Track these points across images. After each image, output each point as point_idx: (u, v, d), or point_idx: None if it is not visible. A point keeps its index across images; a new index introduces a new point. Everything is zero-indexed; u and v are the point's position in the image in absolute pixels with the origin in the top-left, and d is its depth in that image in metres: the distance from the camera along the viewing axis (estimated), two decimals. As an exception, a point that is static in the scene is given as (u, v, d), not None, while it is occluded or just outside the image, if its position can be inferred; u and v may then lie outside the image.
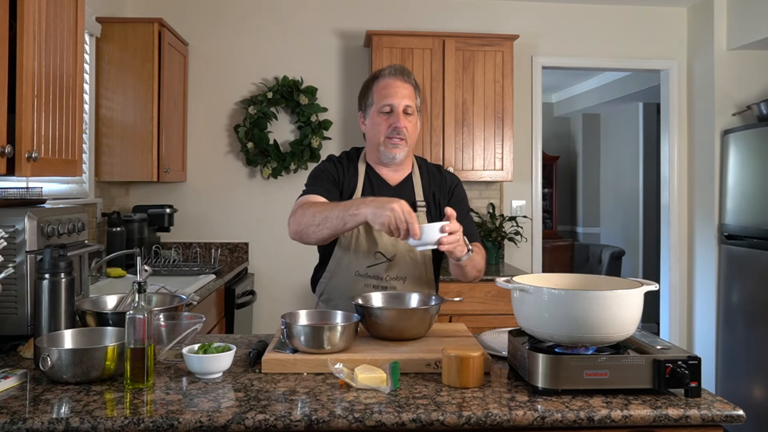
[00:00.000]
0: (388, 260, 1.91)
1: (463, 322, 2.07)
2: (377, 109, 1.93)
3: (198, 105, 3.97)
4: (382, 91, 1.93)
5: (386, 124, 1.91)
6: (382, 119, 1.92)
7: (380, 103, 1.92)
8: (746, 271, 3.65)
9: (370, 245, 1.91)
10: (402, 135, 1.91)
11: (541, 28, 4.18)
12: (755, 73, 3.97)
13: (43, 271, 1.61)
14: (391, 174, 1.99)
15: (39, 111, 1.81)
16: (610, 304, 1.35)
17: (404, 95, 1.92)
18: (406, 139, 1.92)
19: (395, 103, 1.90)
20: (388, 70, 1.95)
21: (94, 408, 1.24)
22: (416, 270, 1.95)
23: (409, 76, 1.96)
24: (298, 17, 4.04)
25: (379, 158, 1.96)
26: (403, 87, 1.93)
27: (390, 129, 1.90)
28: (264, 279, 4.01)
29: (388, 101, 1.91)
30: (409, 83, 1.95)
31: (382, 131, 1.92)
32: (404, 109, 1.91)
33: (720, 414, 1.26)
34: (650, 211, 6.43)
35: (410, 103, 1.92)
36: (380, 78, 1.95)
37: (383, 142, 1.92)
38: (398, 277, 1.92)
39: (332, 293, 1.97)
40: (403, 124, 1.90)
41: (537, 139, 4.21)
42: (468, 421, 1.23)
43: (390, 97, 1.91)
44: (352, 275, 1.91)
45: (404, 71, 1.96)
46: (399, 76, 1.94)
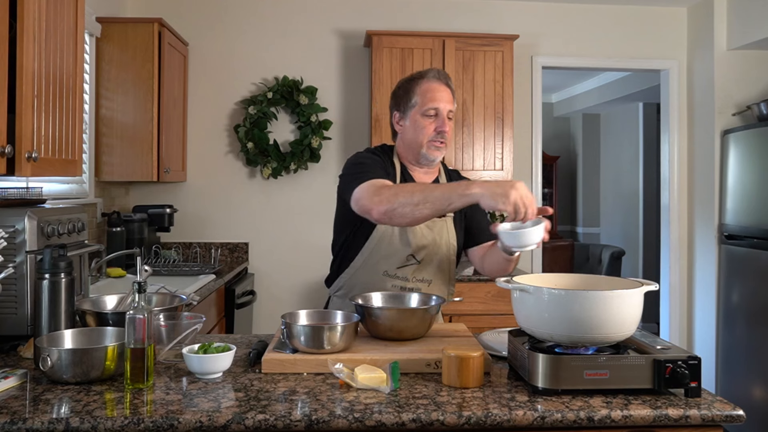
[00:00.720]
0: (417, 262, 1.92)
1: (463, 322, 2.07)
2: (421, 111, 1.93)
3: (198, 105, 3.97)
4: (427, 94, 1.93)
5: (431, 128, 1.92)
6: (427, 122, 1.92)
7: (425, 105, 1.92)
8: (746, 271, 3.65)
9: (404, 246, 1.91)
10: (444, 139, 1.93)
11: (541, 28, 4.18)
12: (755, 73, 3.97)
13: (43, 271, 1.61)
14: (422, 176, 2.00)
15: (39, 111, 1.81)
16: (610, 304, 1.35)
17: (448, 100, 1.94)
18: (446, 143, 1.95)
19: (441, 107, 1.92)
20: (432, 73, 1.96)
21: (94, 408, 1.24)
22: (441, 273, 1.97)
23: (448, 80, 1.98)
24: (298, 17, 4.04)
25: (418, 160, 1.96)
26: (446, 91, 1.94)
27: (435, 133, 1.92)
28: (264, 279, 4.01)
29: (434, 105, 1.91)
30: (450, 88, 1.97)
31: (426, 134, 1.92)
32: (447, 114, 1.93)
33: (720, 414, 1.26)
34: (650, 211, 6.43)
35: (452, 108, 1.95)
36: (424, 80, 1.95)
37: (426, 145, 1.93)
38: (424, 280, 1.93)
39: (353, 289, 1.94)
40: (447, 127, 1.92)
41: (537, 139, 4.21)
42: (468, 421, 1.23)
43: (436, 100, 1.92)
44: (379, 274, 1.91)
45: (447, 76, 1.98)
46: (443, 81, 1.95)
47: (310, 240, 4.01)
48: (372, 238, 1.91)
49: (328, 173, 4.03)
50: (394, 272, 1.91)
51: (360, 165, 1.89)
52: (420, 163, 1.97)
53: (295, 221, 4.02)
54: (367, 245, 1.92)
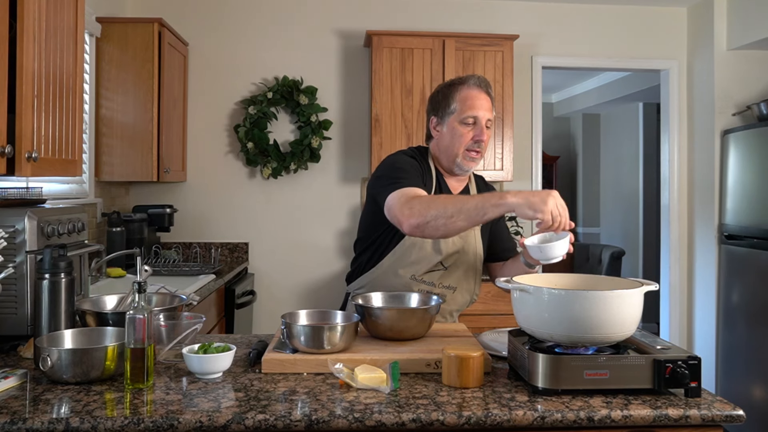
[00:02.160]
0: (444, 269, 1.92)
1: (463, 322, 2.06)
2: (460, 118, 1.89)
3: (198, 105, 3.97)
4: (466, 102, 1.89)
5: (469, 136, 1.88)
6: (465, 130, 1.89)
7: (465, 113, 1.88)
8: (746, 271, 3.65)
9: (435, 253, 1.89)
10: (481, 148, 1.90)
11: (541, 28, 4.18)
12: (755, 73, 3.97)
13: (43, 271, 1.61)
14: (455, 183, 1.98)
15: (39, 111, 1.81)
16: (610, 304, 1.35)
17: (488, 108, 1.90)
18: (482, 153, 1.92)
19: (480, 116, 1.88)
20: (473, 80, 1.92)
21: (94, 408, 1.24)
22: (466, 281, 1.96)
23: (488, 88, 1.94)
24: (298, 17, 4.04)
25: (452, 168, 1.94)
26: (486, 100, 1.91)
27: (472, 142, 1.88)
28: (264, 279, 4.01)
29: (474, 113, 1.88)
30: (490, 96, 1.93)
31: (463, 142, 1.89)
32: (486, 123, 1.90)
33: (720, 414, 1.26)
34: (650, 211, 6.43)
35: (491, 118, 1.92)
36: (464, 86, 1.91)
37: (462, 154, 1.90)
38: (450, 287, 1.93)
39: (375, 290, 1.90)
40: (485, 136, 1.89)
41: (537, 139, 4.21)
42: (468, 421, 1.23)
43: (475, 108, 1.88)
44: (407, 278, 1.89)
45: (488, 83, 1.94)
46: (483, 88, 1.91)
47: (310, 240, 4.01)
48: (404, 243, 1.88)
49: (328, 173, 4.03)
50: (421, 277, 1.90)
51: (397, 169, 1.84)
52: (453, 172, 1.95)
53: (295, 221, 4.02)
54: (398, 248, 1.90)
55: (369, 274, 1.96)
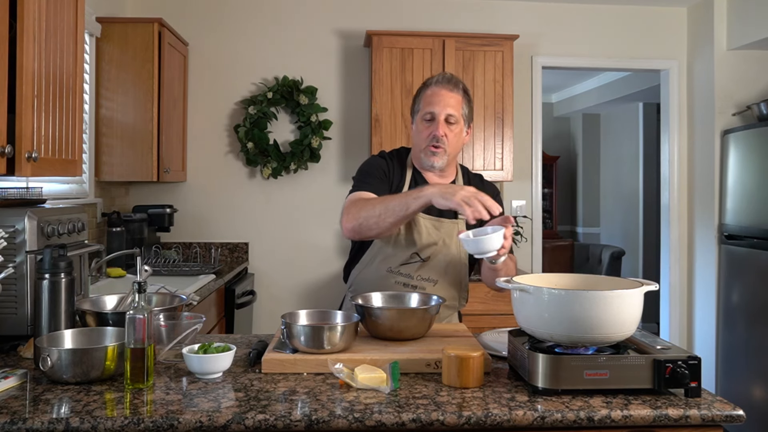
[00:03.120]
0: (422, 260, 1.92)
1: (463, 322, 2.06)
2: (421, 116, 1.95)
3: (198, 105, 3.97)
4: (426, 99, 1.94)
5: (427, 132, 1.92)
6: (424, 127, 1.94)
7: (424, 110, 1.94)
8: (746, 271, 3.65)
9: (408, 244, 1.92)
10: (440, 144, 1.91)
11: (541, 28, 4.18)
12: (755, 73, 3.97)
13: (43, 271, 1.61)
14: (436, 179, 2.00)
15: (39, 111, 1.81)
16: (610, 304, 1.35)
17: (447, 104, 1.92)
18: (444, 148, 1.92)
19: (437, 111, 1.91)
20: (437, 78, 1.96)
21: (94, 408, 1.24)
22: (449, 275, 1.96)
23: (457, 84, 1.95)
24: (298, 17, 4.04)
25: (421, 164, 1.98)
26: (449, 96, 1.92)
27: (430, 137, 1.91)
28: (264, 279, 4.01)
29: (430, 109, 1.92)
30: (456, 92, 1.94)
31: (422, 138, 1.93)
32: (446, 118, 1.91)
33: (720, 414, 1.26)
34: (650, 211, 6.43)
35: (453, 112, 1.92)
36: (428, 86, 1.96)
37: (424, 150, 1.94)
38: (429, 279, 1.94)
39: (361, 285, 1.97)
40: (441, 132, 1.90)
41: (537, 139, 4.21)
42: (468, 421, 1.23)
43: (433, 105, 1.92)
44: (384, 271, 1.93)
45: (452, 79, 1.95)
46: (445, 85, 1.94)
47: (310, 240, 4.01)
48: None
49: (328, 173, 4.03)
50: (397, 269, 1.93)
51: (361, 173, 1.97)
52: (424, 168, 1.98)
53: (295, 221, 4.02)
54: (375, 242, 1.94)
55: (355, 271, 2.02)
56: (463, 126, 1.97)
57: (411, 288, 1.91)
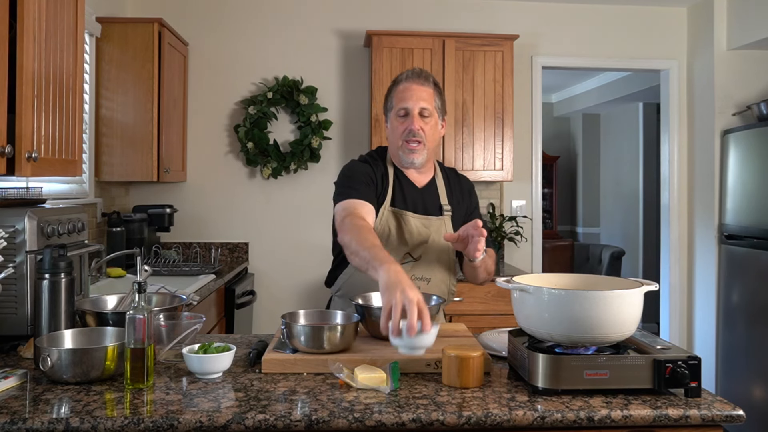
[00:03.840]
0: (414, 260, 1.92)
1: (463, 322, 2.07)
2: (395, 113, 1.94)
3: (198, 105, 3.97)
4: (398, 95, 1.93)
5: (402, 128, 1.91)
6: (399, 123, 1.92)
7: (397, 107, 1.92)
8: (746, 271, 3.65)
9: (400, 243, 1.91)
10: (418, 138, 1.90)
11: (541, 28, 4.18)
12: (755, 73, 3.97)
13: (43, 271, 1.61)
14: (417, 176, 2.00)
15: (39, 111, 1.81)
16: (610, 304, 1.35)
17: (420, 97, 1.91)
18: (423, 142, 1.91)
19: (410, 106, 1.90)
20: (406, 74, 1.95)
21: (94, 408, 1.24)
22: (440, 271, 1.97)
23: (428, 78, 1.95)
24: (298, 17, 4.04)
25: (400, 162, 1.96)
26: (420, 90, 1.92)
27: (406, 132, 1.90)
28: (264, 279, 4.01)
29: (403, 104, 1.91)
30: (426, 86, 1.94)
31: (398, 134, 1.92)
32: (420, 112, 1.91)
33: (720, 414, 1.26)
34: (650, 211, 6.43)
35: (426, 105, 1.91)
36: (399, 82, 1.96)
37: (401, 146, 1.92)
38: (423, 278, 1.93)
39: (351, 289, 1.94)
40: (417, 125, 1.89)
41: (537, 139, 4.21)
42: (468, 421, 1.23)
43: (405, 100, 1.91)
44: None
45: (422, 74, 1.95)
46: (416, 79, 1.93)
47: (310, 240, 4.01)
48: None
49: (328, 173, 4.02)
50: None
51: (347, 178, 1.91)
52: (404, 165, 1.96)
53: (295, 221, 4.02)
54: None
55: (344, 275, 1.98)
56: (438, 119, 1.96)
57: None
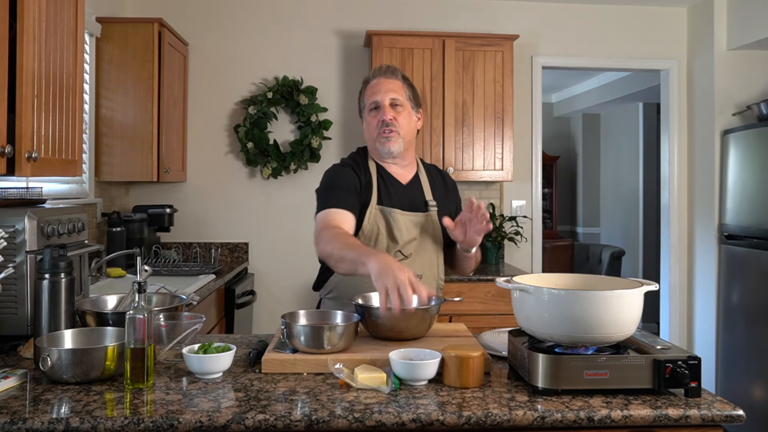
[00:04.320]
0: (405, 257, 1.92)
1: (463, 322, 2.06)
2: (367, 109, 1.97)
3: (198, 105, 3.97)
4: (368, 91, 1.98)
5: (375, 121, 1.94)
6: (372, 117, 1.96)
7: (368, 102, 1.97)
8: (746, 271, 3.65)
9: (391, 243, 1.92)
10: (392, 126, 1.92)
11: (541, 28, 4.18)
12: (755, 73, 3.97)
13: (43, 271, 1.61)
14: (401, 172, 2.01)
15: (39, 111, 1.81)
16: (610, 304, 1.35)
17: (389, 89, 1.95)
18: (397, 131, 1.93)
19: (380, 98, 1.94)
20: (374, 72, 2.00)
21: (94, 408, 1.24)
22: (431, 269, 1.97)
23: (395, 72, 1.99)
24: (298, 17, 4.04)
25: (379, 156, 1.98)
26: (388, 82, 1.96)
27: (379, 124, 1.93)
28: (264, 279, 4.01)
29: (374, 98, 1.95)
30: (394, 78, 1.97)
31: (372, 127, 1.95)
32: (391, 102, 1.94)
33: (720, 414, 1.26)
34: (650, 211, 6.43)
35: (396, 96, 1.94)
36: (368, 81, 2.00)
37: (376, 139, 1.94)
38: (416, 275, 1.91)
39: (343, 291, 1.96)
40: (389, 115, 1.92)
41: (537, 139, 4.21)
42: (468, 421, 1.23)
43: (375, 94, 1.95)
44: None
45: (389, 69, 1.99)
46: (383, 74, 1.98)
47: (310, 240, 3.97)
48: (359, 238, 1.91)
49: (328, 173, 4.02)
50: None
51: (325, 188, 1.98)
52: (384, 159, 1.99)
53: (295, 221, 4.02)
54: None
55: (335, 277, 2.00)
56: (411, 110, 1.97)
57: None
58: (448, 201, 2.05)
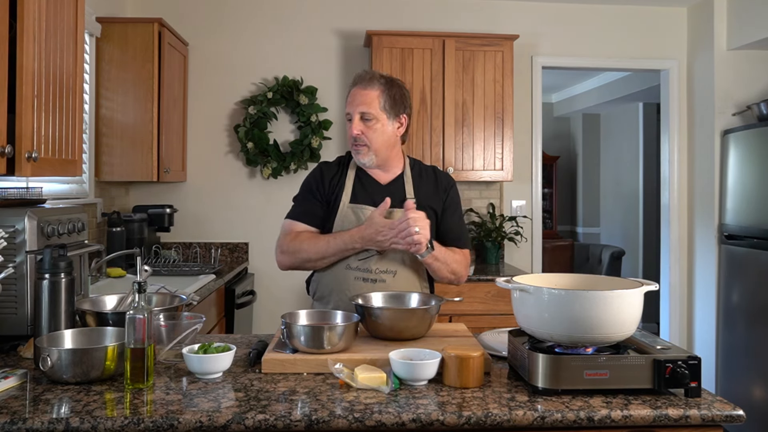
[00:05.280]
0: (378, 253, 1.91)
1: (463, 322, 2.06)
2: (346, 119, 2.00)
3: (198, 105, 3.97)
4: (347, 100, 2.00)
5: (349, 132, 1.97)
6: (348, 127, 1.98)
7: (346, 112, 1.99)
8: (746, 271, 3.65)
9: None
10: (359, 141, 1.94)
11: (541, 28, 4.18)
12: (755, 73, 3.97)
13: (43, 271, 1.61)
14: (381, 174, 2.02)
15: (39, 111, 1.81)
16: (610, 304, 1.35)
17: (360, 102, 1.93)
18: (367, 145, 1.94)
19: (351, 111, 1.96)
20: (354, 79, 2.00)
21: (94, 408, 1.24)
22: (407, 265, 1.94)
23: (372, 80, 1.95)
24: (298, 17, 4.04)
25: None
26: (361, 94, 1.94)
27: (350, 137, 1.96)
28: (264, 279, 4.01)
29: (347, 109, 1.98)
30: (370, 88, 1.94)
31: (348, 138, 1.98)
32: (361, 116, 1.93)
33: (720, 414, 1.26)
34: (650, 211, 6.43)
35: (366, 110, 1.92)
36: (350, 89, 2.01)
37: (352, 149, 1.98)
38: (388, 271, 1.92)
39: (324, 290, 1.99)
40: (356, 131, 1.93)
41: (537, 139, 4.21)
42: (468, 421, 1.23)
43: (348, 105, 1.98)
44: (342, 269, 1.93)
45: (365, 76, 1.96)
46: (359, 84, 1.97)
47: (310, 240, 4.00)
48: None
49: (328, 173, 4.02)
50: (355, 264, 1.92)
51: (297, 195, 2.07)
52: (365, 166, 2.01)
53: (295, 221, 4.01)
54: None
55: (316, 276, 2.03)
56: (387, 120, 1.94)
57: (371, 282, 1.90)
58: (435, 198, 2.01)
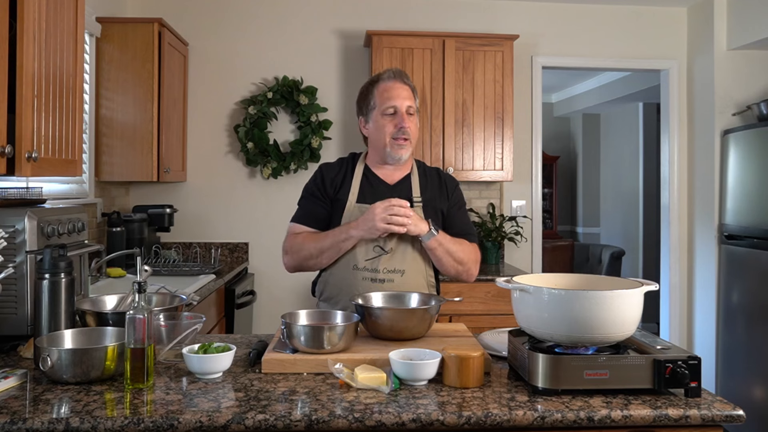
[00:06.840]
0: (386, 252, 1.92)
1: (463, 322, 2.06)
2: (381, 111, 1.97)
3: (198, 105, 3.97)
4: (384, 94, 1.98)
5: (392, 125, 1.96)
6: (387, 121, 1.96)
7: (384, 105, 1.97)
8: (746, 271, 3.65)
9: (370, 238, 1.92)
10: (407, 135, 1.96)
11: (541, 28, 4.18)
12: (755, 73, 3.97)
13: (43, 271, 1.61)
14: (390, 173, 2.03)
15: (39, 111, 1.81)
16: (610, 304, 1.35)
17: (406, 96, 1.98)
18: (410, 139, 1.97)
19: (398, 105, 1.96)
20: (387, 73, 2.01)
21: (94, 408, 1.24)
22: (415, 264, 1.96)
23: (408, 78, 2.03)
24: (298, 17, 4.04)
25: (384, 159, 2.00)
26: (404, 89, 1.99)
27: (396, 130, 1.95)
28: (264, 279, 4.01)
29: (392, 103, 1.96)
30: (408, 85, 2.01)
31: (387, 132, 1.96)
32: (407, 110, 1.97)
33: (720, 414, 1.26)
34: (650, 211, 6.43)
35: (411, 104, 1.99)
36: (380, 81, 2.01)
37: (389, 143, 1.96)
38: (396, 270, 1.93)
39: (332, 291, 1.99)
40: (407, 124, 1.96)
41: (537, 139, 4.21)
42: (468, 421, 1.23)
43: (393, 99, 1.96)
44: (350, 269, 1.94)
45: (402, 74, 2.02)
46: (398, 79, 2.00)
47: (310, 240, 4.00)
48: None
49: (328, 173, 4.02)
50: (363, 265, 1.92)
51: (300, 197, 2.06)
52: (387, 162, 2.01)
53: (295, 221, 4.01)
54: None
55: (323, 276, 2.03)
56: (417, 118, 2.04)
57: (379, 282, 1.91)
58: (441, 198, 2.04)
